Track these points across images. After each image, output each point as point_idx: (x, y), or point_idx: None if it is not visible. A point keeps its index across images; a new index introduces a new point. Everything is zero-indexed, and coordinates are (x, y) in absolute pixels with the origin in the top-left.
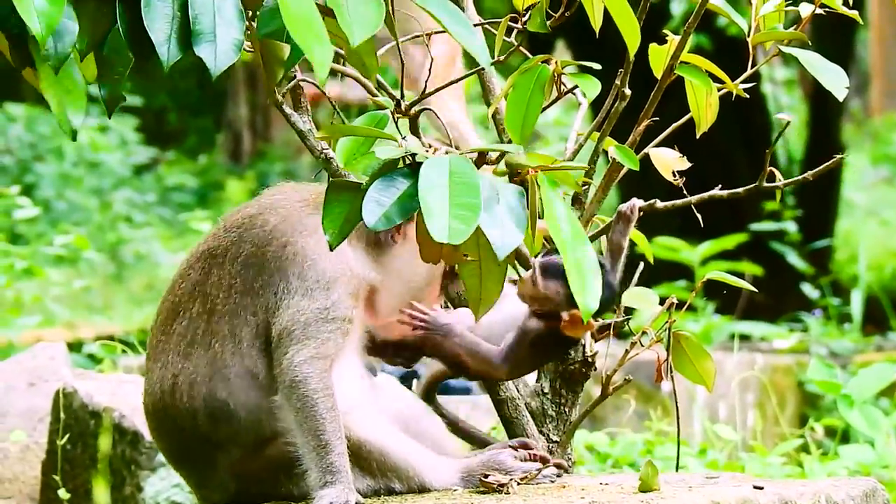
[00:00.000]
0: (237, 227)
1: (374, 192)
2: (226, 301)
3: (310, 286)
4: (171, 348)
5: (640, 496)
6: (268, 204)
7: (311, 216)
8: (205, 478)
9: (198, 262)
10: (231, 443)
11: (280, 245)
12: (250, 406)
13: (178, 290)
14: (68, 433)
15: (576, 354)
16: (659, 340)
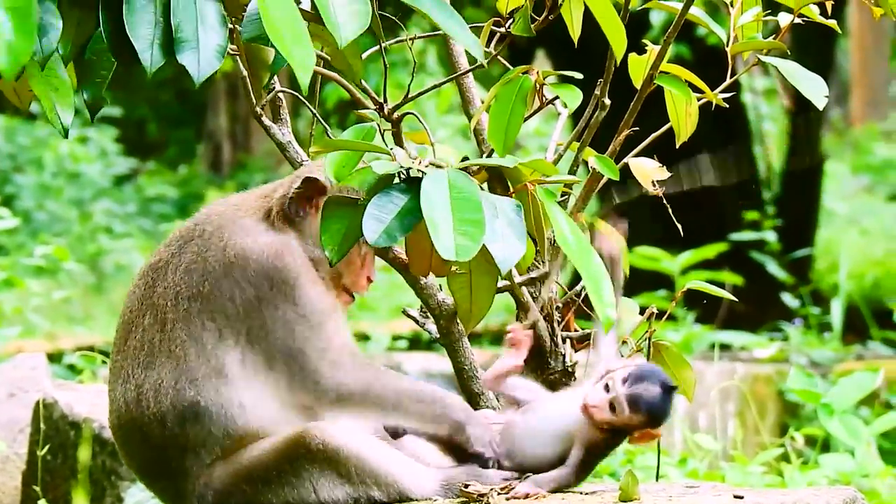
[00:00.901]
0: (176, 241)
1: (373, 208)
2: (175, 308)
3: (268, 295)
4: (130, 363)
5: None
6: (203, 216)
7: (246, 218)
8: (180, 490)
9: (142, 279)
10: (202, 446)
11: (219, 248)
12: (221, 401)
13: (127, 309)
14: (48, 444)
15: (556, 364)
16: (639, 350)
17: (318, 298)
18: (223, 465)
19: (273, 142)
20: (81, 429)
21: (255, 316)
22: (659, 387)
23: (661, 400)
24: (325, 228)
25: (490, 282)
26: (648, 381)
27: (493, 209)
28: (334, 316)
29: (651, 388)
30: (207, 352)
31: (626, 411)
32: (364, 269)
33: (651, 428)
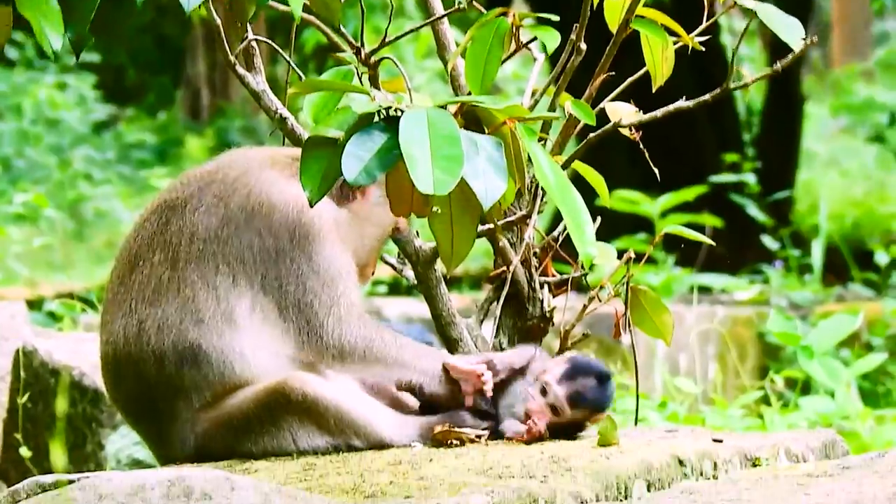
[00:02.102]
0: (196, 181)
1: (352, 146)
2: (189, 248)
3: (286, 248)
4: (134, 297)
5: (598, 450)
6: (226, 161)
7: (272, 169)
8: (165, 433)
9: (153, 214)
10: (195, 390)
11: (244, 195)
12: (223, 347)
13: (135, 243)
14: (29, 392)
15: (534, 309)
16: (617, 295)
17: (336, 258)
18: (209, 411)
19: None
20: (62, 376)
21: (270, 266)
22: (594, 378)
23: (600, 391)
24: (305, 169)
25: (471, 221)
26: (583, 376)
27: (473, 146)
28: (347, 277)
29: (586, 382)
30: (219, 295)
31: (568, 411)
32: (375, 264)
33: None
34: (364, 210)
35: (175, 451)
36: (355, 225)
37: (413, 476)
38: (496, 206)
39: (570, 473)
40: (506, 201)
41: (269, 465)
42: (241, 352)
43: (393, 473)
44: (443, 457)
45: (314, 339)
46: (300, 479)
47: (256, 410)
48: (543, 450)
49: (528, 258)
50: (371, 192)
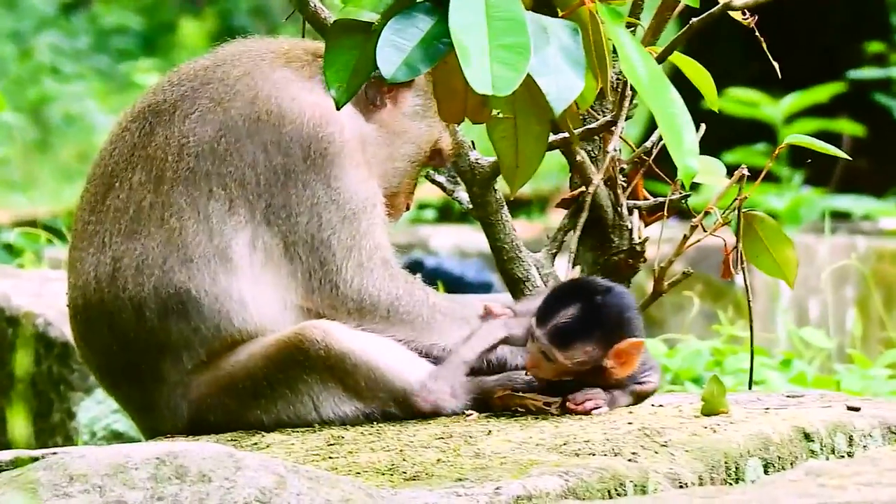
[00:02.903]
0: (189, 80)
1: (389, 33)
2: (177, 165)
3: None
4: (108, 228)
5: (702, 421)
6: (227, 55)
7: (286, 68)
8: (149, 399)
9: (135, 121)
10: (185, 346)
11: (247, 100)
12: (217, 292)
13: (111, 158)
14: None
15: (620, 241)
16: (727, 223)
17: (360, 185)
18: (205, 372)
19: None
20: (21, 325)
21: (277, 190)
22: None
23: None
24: (331, 61)
25: (540, 129)
26: (561, 303)
27: (541, 33)
28: (372, 211)
29: (567, 311)
30: (211, 227)
31: (559, 356)
32: (411, 194)
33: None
34: (395, 122)
35: (164, 422)
36: (384, 142)
37: (467, 452)
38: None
39: (666, 450)
40: (584, 103)
41: (284, 439)
42: (239, 299)
43: (441, 449)
44: (505, 428)
45: (327, 287)
46: (324, 455)
47: (266, 370)
48: (633, 420)
49: (613, 176)
50: (405, 98)
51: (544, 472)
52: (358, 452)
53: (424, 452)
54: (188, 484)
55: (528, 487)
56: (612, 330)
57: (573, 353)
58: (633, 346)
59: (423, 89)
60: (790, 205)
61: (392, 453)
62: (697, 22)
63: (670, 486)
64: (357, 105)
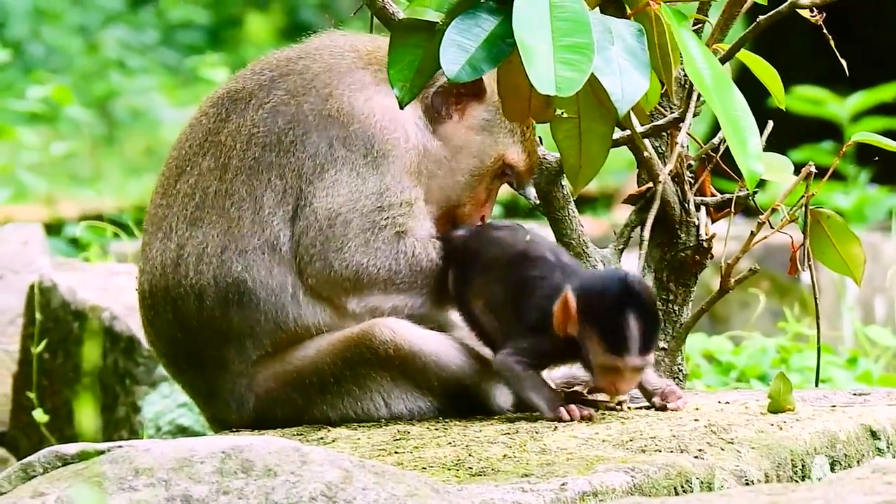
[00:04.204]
0: (269, 70)
1: (453, 33)
2: (244, 154)
3: (356, 161)
4: (176, 213)
5: (769, 418)
6: (311, 49)
7: (364, 70)
8: (214, 387)
9: (213, 107)
10: (247, 335)
11: (321, 97)
12: (272, 286)
13: (185, 143)
14: (46, 339)
15: (687, 237)
16: (794, 220)
17: (404, 188)
18: (271, 364)
19: None
20: (88, 319)
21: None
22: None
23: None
24: (395, 60)
25: (604, 129)
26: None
27: (606, 33)
28: (405, 212)
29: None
30: (263, 218)
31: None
32: (486, 205)
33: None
34: (459, 134)
35: (229, 412)
36: (445, 155)
37: (533, 448)
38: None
39: (733, 447)
40: (648, 103)
41: (350, 434)
42: (293, 293)
43: (507, 445)
44: (571, 424)
45: (334, 247)
46: (390, 450)
47: (334, 366)
48: (699, 417)
49: (680, 172)
50: (473, 111)
51: (610, 468)
52: (424, 448)
53: (490, 448)
54: (254, 478)
55: (594, 483)
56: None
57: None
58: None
59: (493, 104)
60: (856, 203)
61: (458, 448)
62: (765, 20)
63: (736, 484)
64: (425, 115)
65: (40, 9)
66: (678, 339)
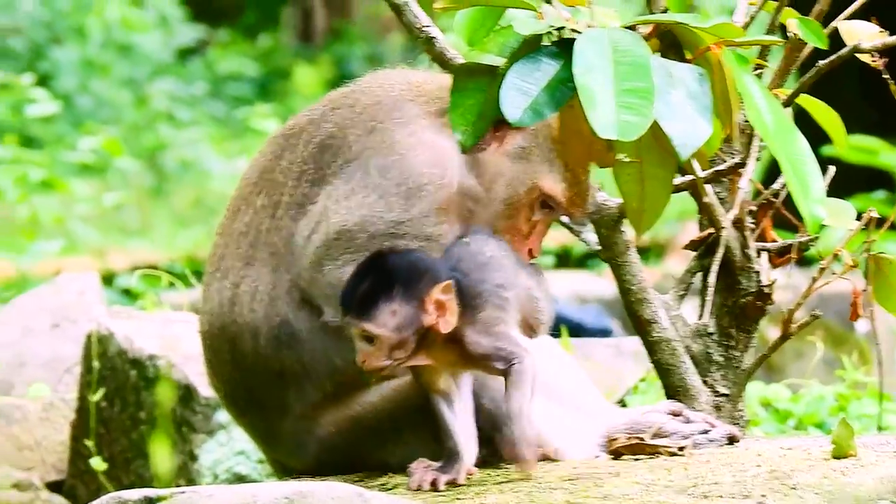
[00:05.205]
0: (322, 105)
1: (514, 77)
2: (294, 190)
3: (388, 188)
4: (231, 252)
5: (831, 464)
6: (364, 83)
7: (411, 102)
8: (274, 430)
9: (269, 145)
10: (304, 377)
11: (367, 129)
12: (316, 328)
13: (244, 181)
14: (103, 387)
15: (748, 283)
16: (855, 266)
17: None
18: (333, 408)
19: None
20: (145, 368)
21: (355, 197)
22: (366, 273)
23: (379, 277)
24: (456, 104)
25: (666, 174)
26: (355, 282)
27: (668, 77)
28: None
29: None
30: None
31: (373, 327)
32: (530, 239)
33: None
34: (495, 162)
35: (289, 456)
36: (481, 186)
37: (595, 494)
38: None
39: (796, 492)
40: (710, 148)
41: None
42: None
43: (569, 491)
44: (633, 469)
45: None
46: (451, 497)
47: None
48: (761, 462)
49: (741, 218)
50: (512, 139)
51: None
52: (486, 493)
53: (552, 494)
54: None
55: None
56: (409, 281)
57: (382, 319)
58: (444, 289)
59: (531, 131)
60: None
61: (520, 494)
62: (825, 64)
63: None
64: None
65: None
66: (739, 385)
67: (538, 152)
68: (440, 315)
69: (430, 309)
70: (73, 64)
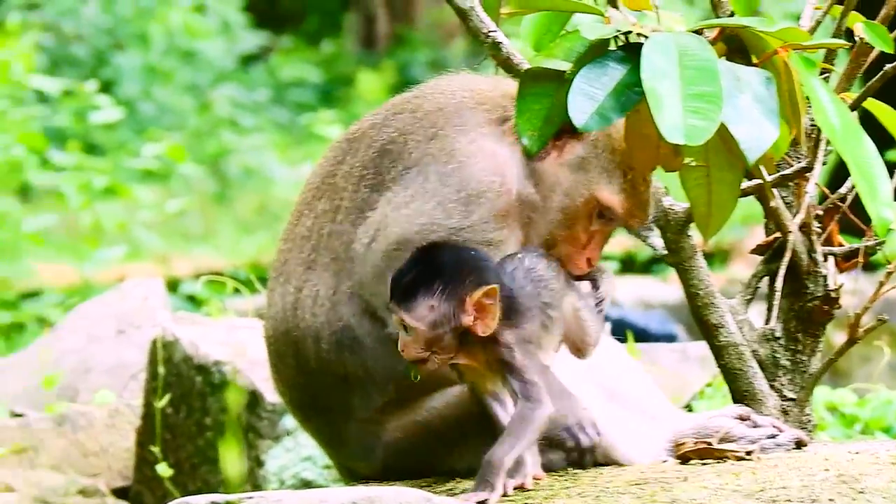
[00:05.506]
0: (385, 109)
1: (582, 82)
2: (353, 196)
3: (448, 195)
4: (295, 256)
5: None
6: (426, 88)
7: (472, 110)
8: (341, 435)
9: (332, 150)
10: (368, 381)
11: (427, 136)
12: (376, 333)
13: (307, 186)
14: (169, 393)
15: (815, 287)
16: None
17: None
18: (400, 413)
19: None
20: (210, 374)
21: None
22: (415, 263)
23: (426, 270)
24: (522, 109)
25: (733, 177)
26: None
27: (734, 81)
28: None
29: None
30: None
31: (408, 318)
32: (587, 248)
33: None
34: (554, 171)
35: (356, 461)
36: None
37: (662, 498)
38: (765, 157)
39: (864, 497)
40: (778, 152)
41: None
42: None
43: (636, 496)
44: (700, 474)
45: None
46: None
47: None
48: (829, 467)
49: (808, 222)
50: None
51: None
52: (554, 498)
53: (620, 498)
54: None
55: None
56: (453, 279)
57: (420, 313)
58: (487, 293)
59: (590, 141)
60: None
61: (588, 499)
62: (892, 68)
63: None
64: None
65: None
66: (806, 390)
67: (596, 163)
68: (479, 318)
69: (469, 310)
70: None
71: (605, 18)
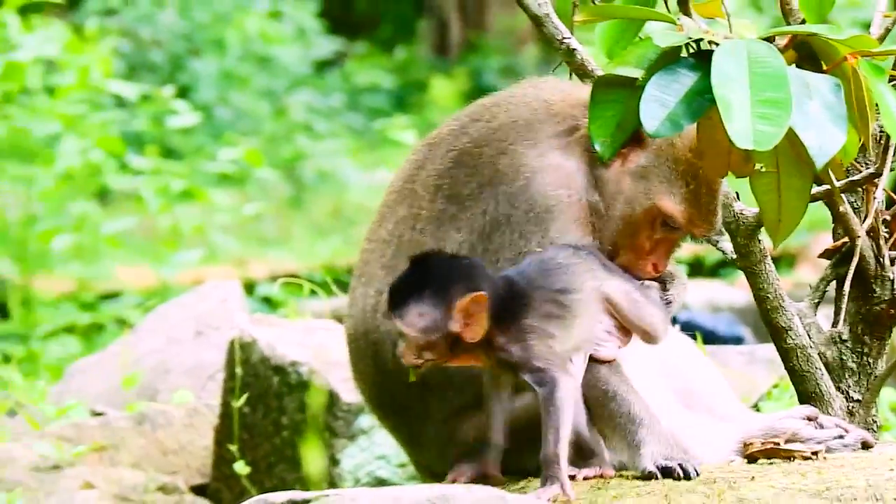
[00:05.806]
0: (465, 115)
1: (653, 88)
2: (431, 205)
3: (520, 218)
4: (376, 258)
5: None
6: (504, 96)
7: (544, 123)
8: (417, 435)
9: (414, 154)
10: (446, 384)
11: (497, 150)
12: None
13: (390, 189)
14: (247, 393)
15: (882, 291)
16: None
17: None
18: (475, 415)
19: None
20: (287, 374)
21: (497, 237)
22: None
23: (416, 278)
24: (595, 115)
25: (802, 183)
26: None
27: (803, 88)
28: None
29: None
30: None
31: (401, 324)
32: (652, 254)
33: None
34: (617, 180)
35: (433, 460)
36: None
37: (730, 498)
38: (834, 162)
39: None
40: (846, 157)
41: None
42: None
43: (705, 494)
44: (767, 474)
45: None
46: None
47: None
48: (894, 467)
49: (875, 227)
50: (635, 157)
51: None
52: (623, 497)
53: (689, 497)
54: None
55: None
56: (442, 287)
57: (411, 319)
58: (475, 300)
59: (653, 150)
60: None
61: (657, 497)
62: None
63: None
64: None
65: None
66: (872, 392)
67: (658, 172)
68: (467, 324)
69: (456, 316)
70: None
71: (678, 26)
